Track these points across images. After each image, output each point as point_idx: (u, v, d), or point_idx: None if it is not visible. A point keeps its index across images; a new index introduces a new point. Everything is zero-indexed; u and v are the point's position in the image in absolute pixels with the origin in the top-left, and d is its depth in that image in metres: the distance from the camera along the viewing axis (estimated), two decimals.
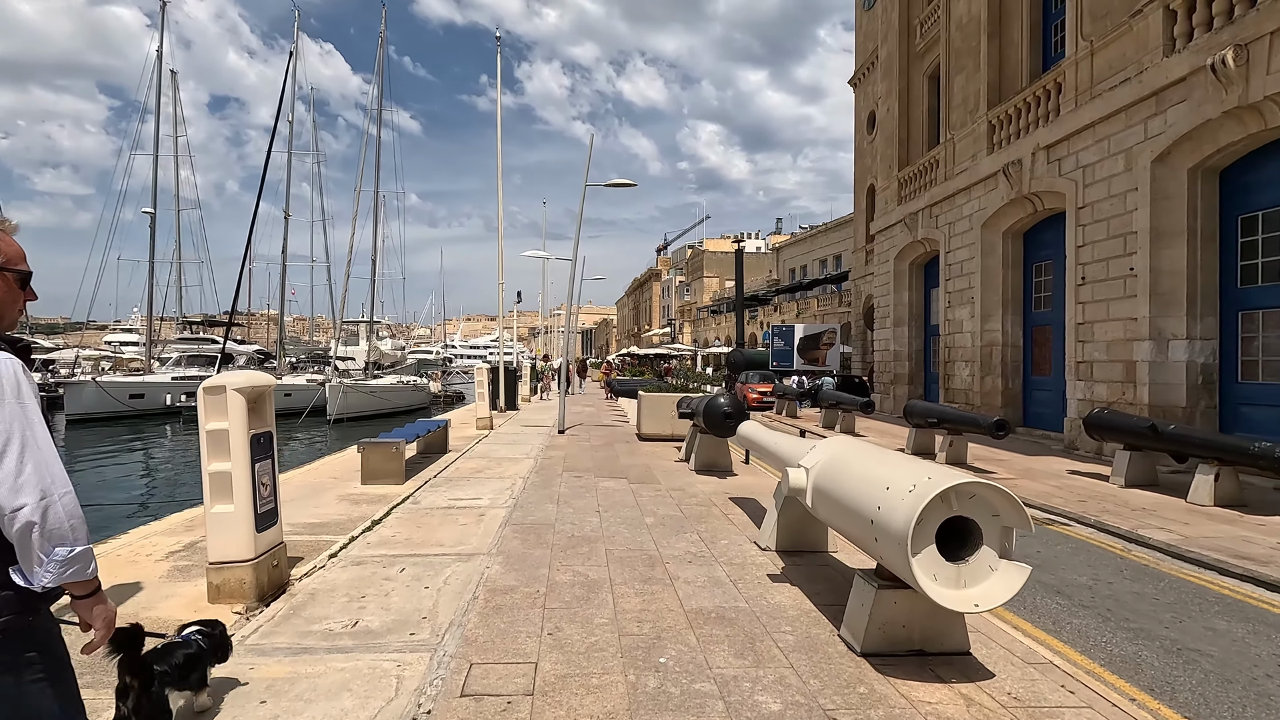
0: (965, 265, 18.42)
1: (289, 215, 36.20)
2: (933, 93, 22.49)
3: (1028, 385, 17.15)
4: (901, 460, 3.79)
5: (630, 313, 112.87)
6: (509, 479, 8.55)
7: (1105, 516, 8.32)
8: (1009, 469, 11.81)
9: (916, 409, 13.67)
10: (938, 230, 19.93)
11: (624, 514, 6.76)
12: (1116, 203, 12.77)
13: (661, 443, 12.91)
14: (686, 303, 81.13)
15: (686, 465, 10.15)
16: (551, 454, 11.02)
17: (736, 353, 35.58)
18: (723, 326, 61.64)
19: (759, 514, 6.90)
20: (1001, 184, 16.55)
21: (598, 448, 12.14)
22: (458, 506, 6.90)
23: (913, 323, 22.81)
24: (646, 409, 13.24)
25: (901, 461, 3.75)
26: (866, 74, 33.80)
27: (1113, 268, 12.87)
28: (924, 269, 22.72)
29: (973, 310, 18.01)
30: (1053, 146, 14.63)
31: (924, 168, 21.08)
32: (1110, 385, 12.93)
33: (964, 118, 18.80)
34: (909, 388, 22.78)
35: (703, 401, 9.43)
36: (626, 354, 69.26)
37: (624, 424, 16.72)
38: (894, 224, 23.02)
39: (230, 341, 44.64)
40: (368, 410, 31.57)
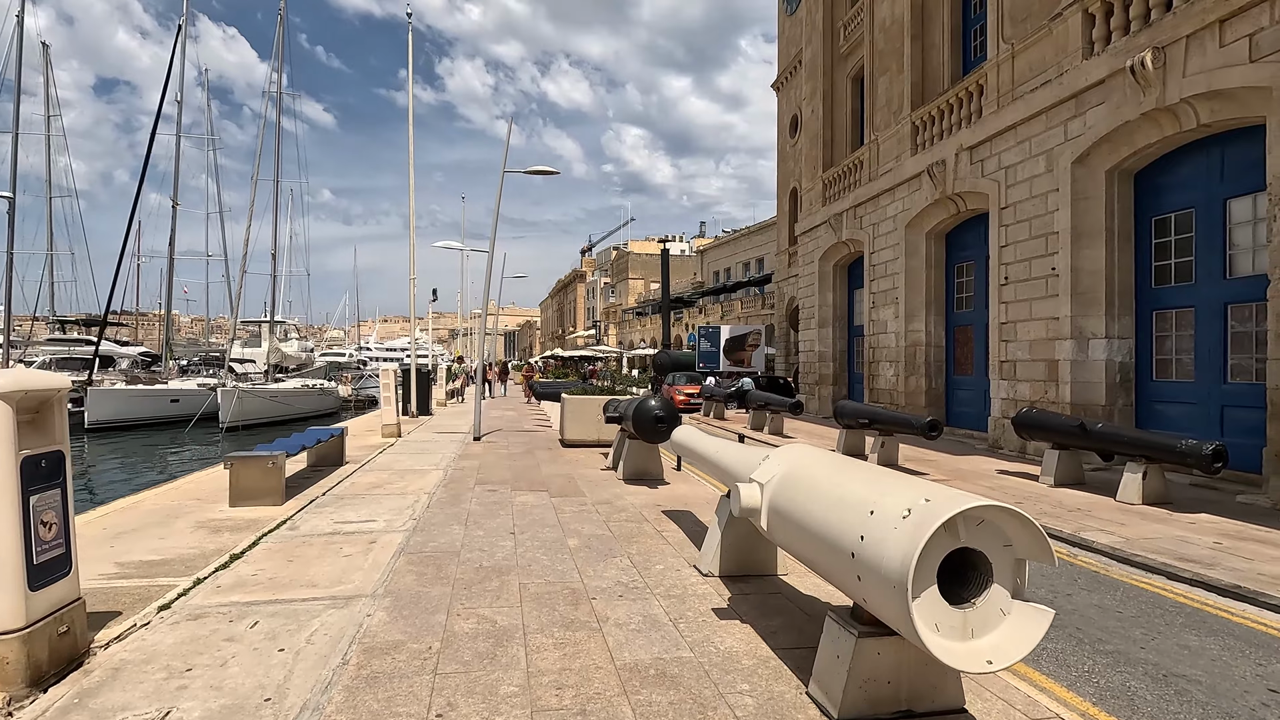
0: (889, 266, 18.49)
1: (178, 205, 33.03)
2: (856, 94, 22.65)
3: (950, 385, 17.33)
4: (882, 476, 3.09)
5: (554, 314, 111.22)
6: (412, 495, 7.47)
7: (1045, 519, 8.08)
8: (940, 469, 11.64)
9: (846, 410, 13.38)
10: (862, 231, 19.99)
11: (544, 535, 5.87)
12: (1038, 203, 12.88)
13: (586, 449, 12.05)
14: (612, 304, 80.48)
15: (614, 474, 9.33)
16: (464, 464, 9.95)
17: (663, 354, 35.01)
18: (648, 328, 61.28)
19: (696, 530, 6.16)
20: (925, 184, 16.63)
21: (516, 456, 11.15)
22: (345, 532, 5.81)
23: (837, 323, 22.87)
24: (570, 413, 12.34)
25: (882, 478, 3.05)
26: (789, 77, 34.09)
27: (1035, 267, 12.98)
28: (848, 270, 22.83)
29: (897, 311, 18.07)
30: (975, 148, 14.73)
31: (848, 169, 21.14)
32: (1033, 384, 13.04)
33: (888, 119, 18.89)
34: (834, 388, 22.83)
35: (632, 405, 8.64)
36: (551, 356, 67.89)
37: (546, 429, 15.74)
38: (818, 225, 23.05)
39: (110, 343, 40.56)
40: (268, 417, 29.12)
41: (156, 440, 26.70)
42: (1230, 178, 10.33)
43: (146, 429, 28.65)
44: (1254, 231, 10.03)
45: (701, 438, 5.67)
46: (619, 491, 7.98)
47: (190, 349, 41.84)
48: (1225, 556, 6.51)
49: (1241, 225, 10.23)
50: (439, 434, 14.06)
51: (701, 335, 31.74)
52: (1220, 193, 10.48)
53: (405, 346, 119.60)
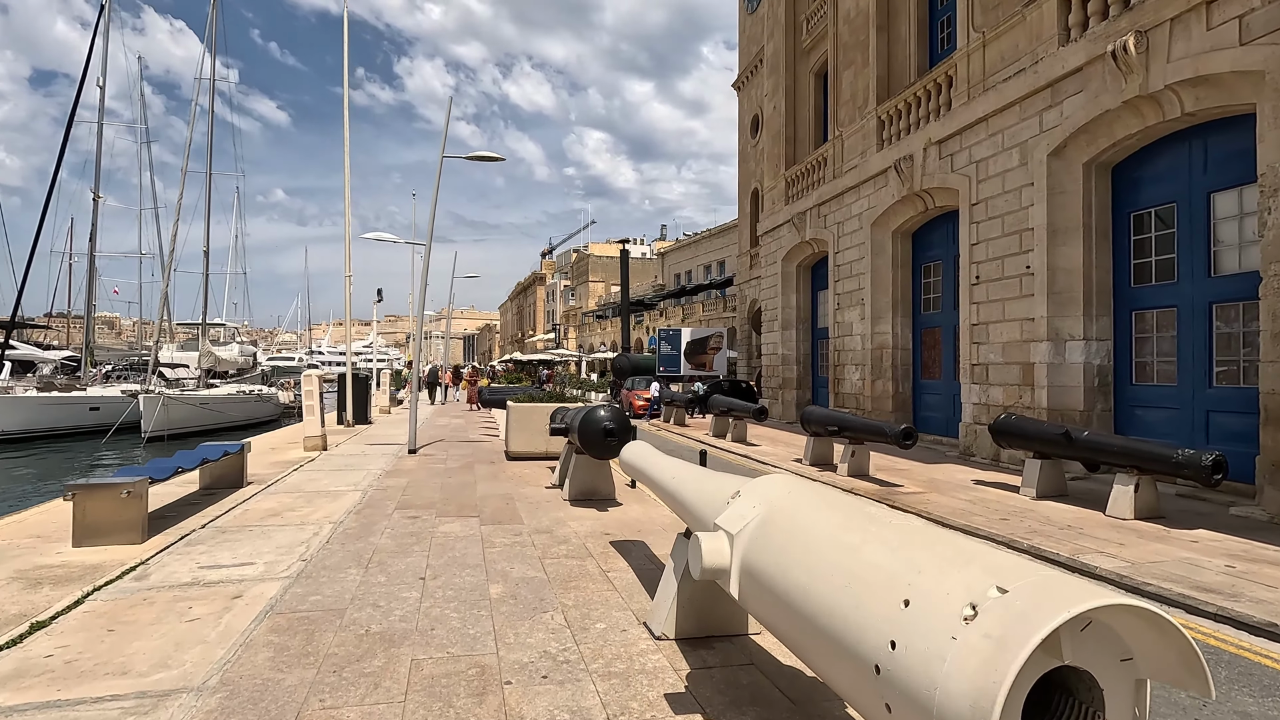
0: (855, 266, 17.83)
1: (100, 198, 30.66)
2: (820, 90, 22.04)
3: (918, 389, 16.71)
4: (909, 533, 2.10)
5: (514, 318, 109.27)
6: (313, 526, 6.25)
7: (1037, 539, 7.30)
8: (914, 480, 10.87)
9: (814, 416, 12.55)
10: (826, 230, 19.32)
11: (461, 581, 4.76)
12: (1011, 199, 12.27)
13: (534, 462, 10.92)
14: (572, 307, 79.21)
15: (559, 493, 8.24)
16: (389, 484, 8.72)
17: (622, 358, 34.11)
18: (608, 331, 60.21)
19: (650, 569, 5.13)
20: (892, 181, 15.99)
21: (453, 471, 9.95)
22: (207, 582, 4.60)
23: (801, 325, 22.19)
24: (515, 422, 11.20)
25: (911, 537, 2.05)
26: (750, 77, 33.54)
27: (1008, 266, 12.36)
28: (812, 270, 22.18)
29: (863, 312, 17.41)
30: (945, 141, 14.12)
31: (812, 166, 20.48)
32: (1007, 388, 12.40)
33: (853, 114, 18.25)
34: (797, 392, 22.13)
35: (579, 415, 7.58)
36: (509, 360, 66.22)
37: (493, 439, 14.54)
38: (781, 224, 22.35)
39: (30, 346, 37.61)
40: (197, 425, 27.08)
41: (71, 452, 24.50)
42: (1214, 170, 9.80)
43: (62, 440, 26.38)
44: (1240, 226, 9.50)
45: (655, 459, 4.65)
46: (562, 516, 6.89)
47: (115, 353, 39.04)
48: (1245, 584, 5.77)
49: (1227, 220, 9.71)
50: (371, 446, 12.73)
51: (662, 338, 30.84)
52: (1203, 185, 9.95)
53: (360, 350, 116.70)
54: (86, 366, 30.71)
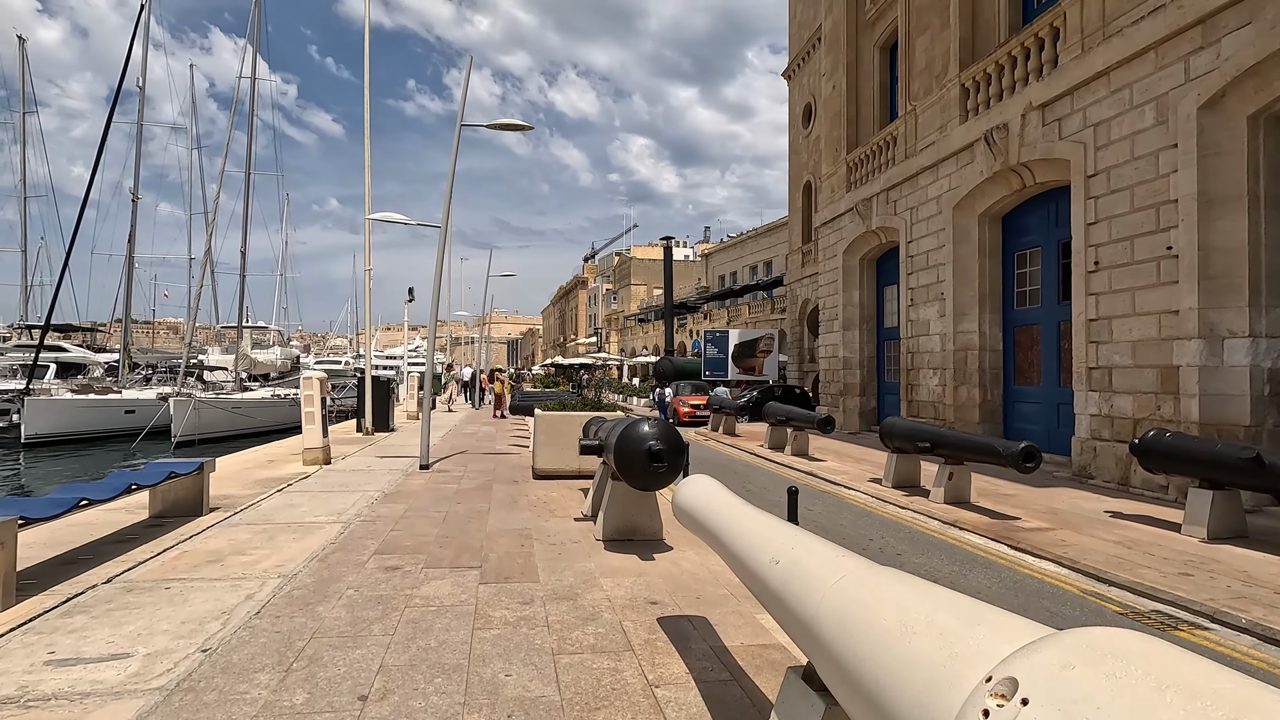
0: (932, 256, 15.64)
1: (138, 198, 30.39)
2: (886, 65, 19.88)
3: (1009, 396, 14.43)
4: None
5: (556, 322, 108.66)
6: (252, 583, 4.59)
7: (1255, 610, 5.20)
8: (1030, 510, 8.74)
9: (898, 429, 10.50)
10: (896, 217, 17.16)
11: (423, 705, 3.00)
12: (1145, 166, 10.04)
13: (564, 481, 9.20)
14: (613, 311, 77.88)
15: (591, 527, 6.47)
16: (381, 511, 7.07)
17: (665, 361, 32.30)
18: (650, 335, 58.53)
19: (719, 679, 3.30)
20: (980, 156, 13.80)
21: (464, 494, 8.27)
22: (26, 701, 2.96)
23: (864, 325, 20.01)
24: (543, 434, 9.49)
25: None
26: (802, 64, 31.44)
27: (1140, 248, 10.12)
28: (877, 264, 20.00)
29: (942, 309, 15.21)
30: (1050, 105, 11.91)
31: (878, 147, 18.34)
32: (1139, 397, 10.14)
33: (929, 85, 16.10)
34: (860, 399, 19.95)
35: (616, 429, 5.80)
36: (550, 364, 65.11)
37: (522, 450, 12.89)
38: (842, 214, 20.23)
39: (80, 349, 37.87)
40: (228, 430, 26.34)
41: (102, 456, 23.95)
42: None
43: (96, 443, 25.96)
44: None
45: (738, 514, 2.81)
46: (592, 570, 5.10)
47: (158, 355, 38.99)
48: None
49: None
50: (381, 460, 11.19)
51: (708, 340, 28.91)
52: None
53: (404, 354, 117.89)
54: (124, 369, 30.42)
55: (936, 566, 6.46)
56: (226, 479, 8.60)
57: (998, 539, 7.59)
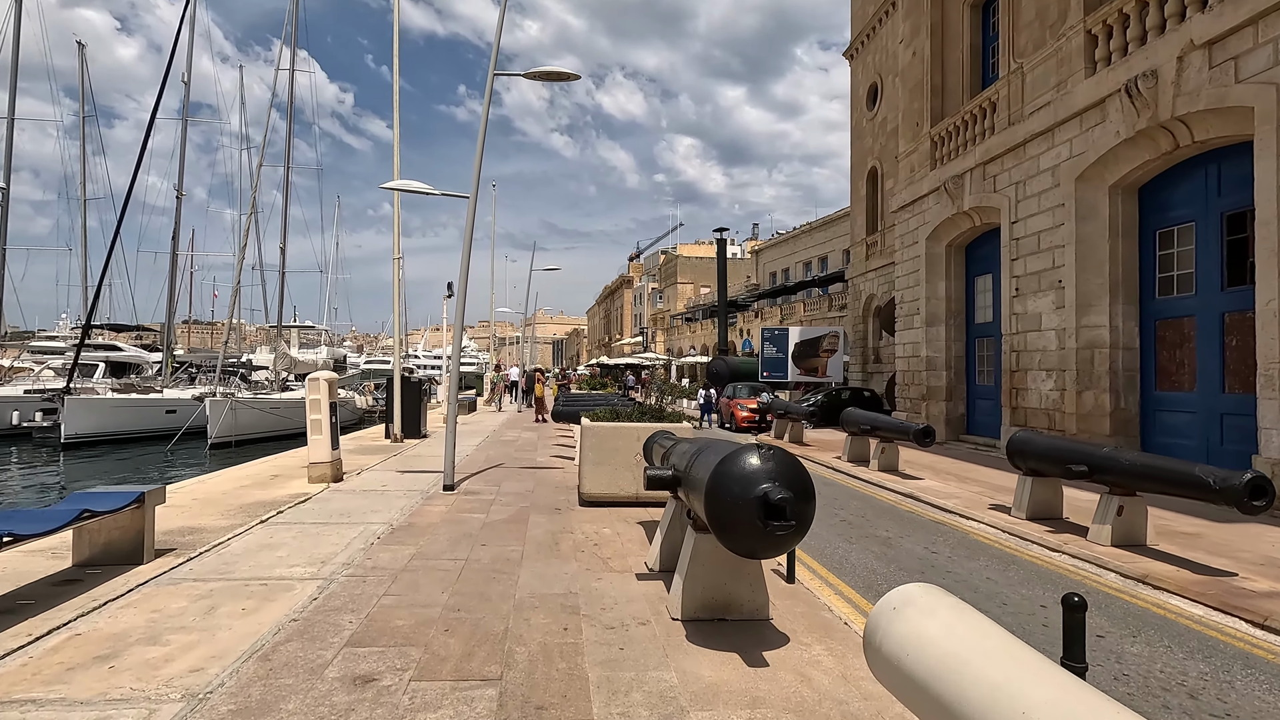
0: (1046, 238, 13.27)
1: (182, 195, 29.97)
2: (978, 25, 17.48)
3: (1148, 404, 11.98)
4: None
5: (601, 322, 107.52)
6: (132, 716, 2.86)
7: None
8: (1240, 561, 6.50)
9: (1036, 446, 8.34)
10: (997, 194, 14.80)
11: None
12: None
13: (619, 509, 7.36)
14: (659, 310, 76.11)
15: (661, 592, 4.60)
16: (380, 560, 5.33)
17: (719, 361, 30.25)
18: (698, 334, 56.52)
19: None
20: (1114, 114, 11.43)
21: (493, 531, 6.50)
22: None
23: (952, 321, 17.63)
24: (591, 450, 7.65)
25: None
26: (867, 41, 29.07)
27: None
28: (965, 252, 17.60)
29: (1059, 299, 12.83)
30: (1220, 40, 9.52)
31: (973, 116, 15.97)
32: None
33: (1040, 37, 13.73)
34: (946, 404, 17.59)
35: (702, 457, 3.92)
36: (596, 364, 63.69)
37: (568, 463, 11.14)
38: (925, 195, 17.89)
39: (134, 349, 38.03)
40: (266, 431, 25.47)
41: (139, 457, 23.29)
42: None
43: (136, 443, 25.40)
44: None
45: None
46: (673, 686, 3.23)
47: (201, 354, 38.83)
48: None
49: None
50: (401, 475, 9.53)
51: (765, 339, 26.75)
52: None
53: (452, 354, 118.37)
54: (166, 368, 30.01)
55: (1170, 662, 4.37)
56: (210, 502, 7.05)
57: (1224, 610, 5.42)
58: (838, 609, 4.58)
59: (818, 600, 4.64)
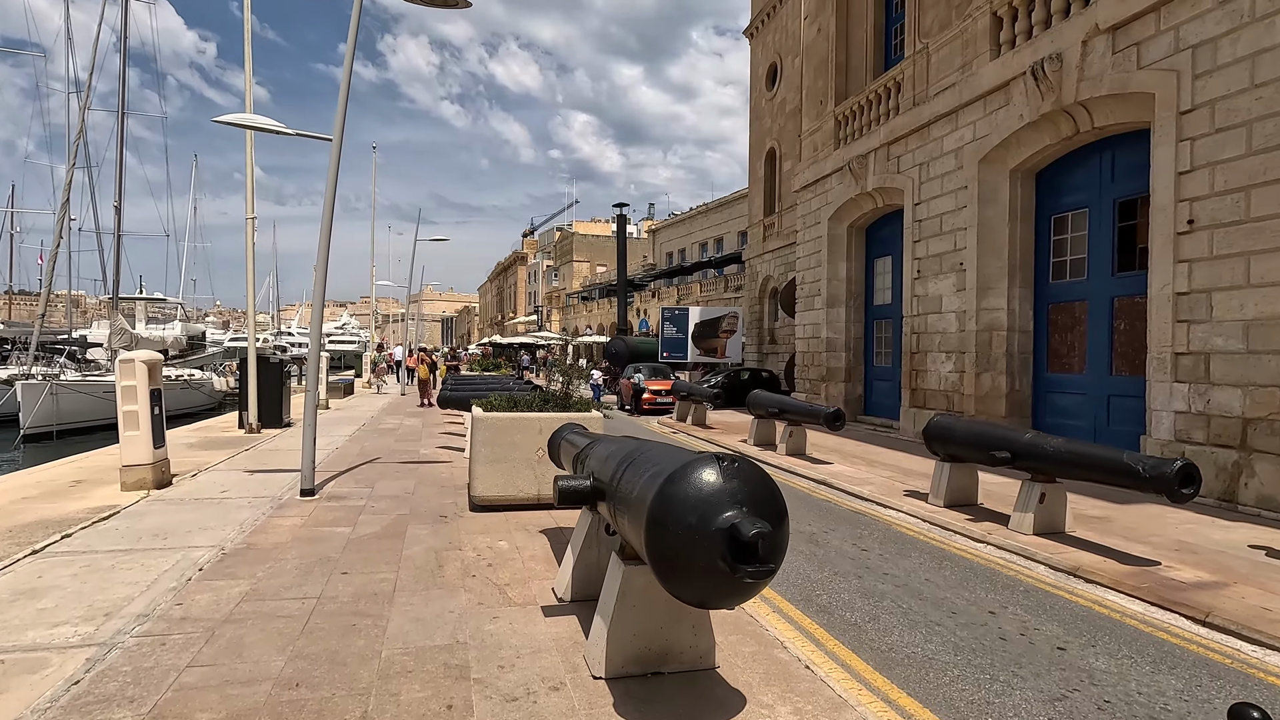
0: (949, 220, 13.29)
1: None
2: (881, 4, 17.37)
3: (1040, 385, 12.29)
4: None
5: (494, 299, 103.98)
6: None
7: None
8: (1154, 546, 6.40)
9: (957, 432, 8.05)
10: (901, 175, 14.75)
11: None
12: (1273, 94, 7.78)
13: (519, 516, 6.28)
14: (555, 289, 74.38)
15: (576, 634, 3.62)
16: (192, 606, 3.97)
17: (618, 341, 29.44)
18: (594, 314, 55.54)
19: None
20: (1019, 97, 11.44)
21: (358, 550, 5.24)
22: None
23: (852, 302, 17.68)
24: (484, 445, 6.50)
25: None
26: (767, 20, 28.83)
27: (1262, 200, 7.90)
28: (865, 233, 17.64)
29: (960, 282, 12.91)
30: (1124, 26, 9.57)
31: (878, 94, 15.85)
32: (1254, 391, 7.99)
33: (946, 17, 13.65)
34: (845, 385, 17.68)
35: (633, 465, 2.94)
36: (489, 343, 61.23)
37: (457, 455, 9.86)
38: (829, 174, 17.73)
39: None
40: (98, 419, 22.01)
41: None
42: None
43: None
44: None
45: None
46: None
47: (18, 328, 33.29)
48: None
49: None
50: (251, 475, 7.93)
51: (666, 319, 26.19)
52: None
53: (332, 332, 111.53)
54: None
55: (1142, 680, 3.93)
56: None
57: (1163, 605, 5.18)
58: (791, 643, 3.79)
59: (765, 633, 3.84)
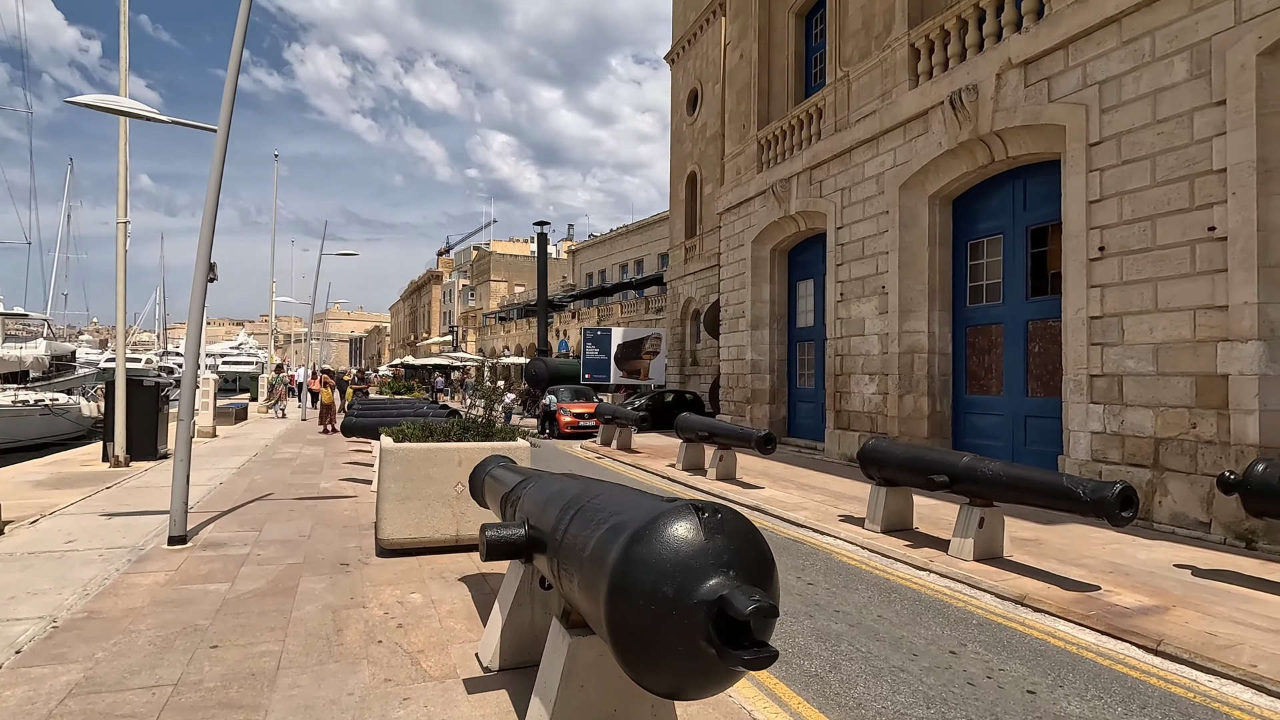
0: (871, 244, 13.50)
1: None
2: (802, 34, 17.77)
3: (959, 406, 12.54)
4: None
5: (407, 319, 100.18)
6: None
7: None
8: (1090, 570, 6.37)
9: (894, 456, 7.90)
10: (823, 200, 14.95)
11: None
12: (1174, 129, 8.20)
13: (433, 560, 5.53)
14: (471, 308, 72.38)
15: (507, 714, 2.97)
16: (5, 701, 3.08)
17: (538, 362, 28.58)
18: (513, 334, 54.30)
19: None
20: (937, 126, 11.77)
21: (239, 611, 4.36)
22: None
23: (775, 324, 17.75)
24: (395, 480, 5.71)
25: None
26: (688, 47, 29.22)
27: (1167, 229, 8.27)
28: (788, 256, 17.81)
29: (882, 304, 13.10)
30: (1036, 61, 9.97)
31: (800, 120, 16.08)
32: (1164, 412, 8.28)
33: (865, 47, 14.00)
34: (770, 407, 17.67)
35: (582, 512, 2.37)
36: (400, 364, 58.58)
37: (363, 488, 8.88)
38: (752, 198, 17.85)
39: None
40: None
41: None
42: None
43: None
44: None
45: None
46: None
47: None
48: None
49: None
50: (108, 520, 6.73)
51: (588, 339, 25.65)
52: None
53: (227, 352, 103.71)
54: None
55: None
56: None
57: (1114, 634, 5.06)
58: (753, 706, 3.29)
59: (728, 700, 3.32)
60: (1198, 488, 7.91)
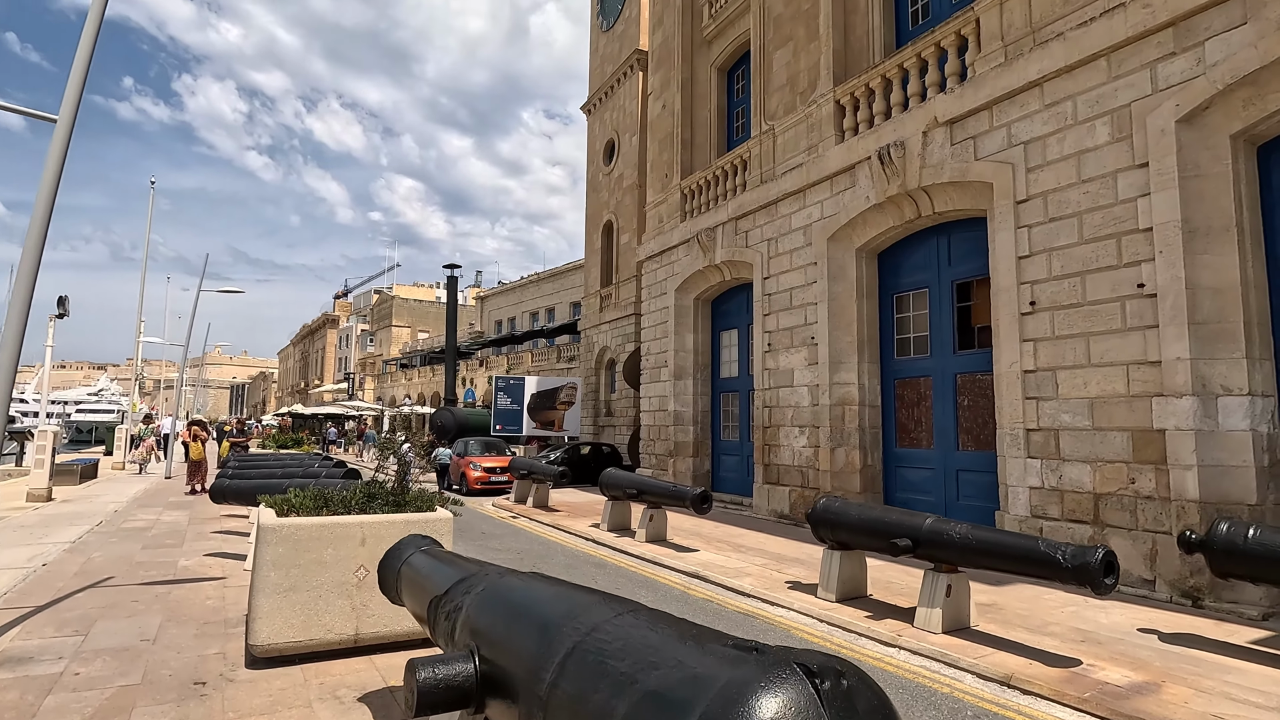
0: (799, 294, 13.36)
1: None
2: (723, 89, 18.00)
3: (890, 460, 12.35)
4: None
5: (297, 365, 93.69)
6: None
7: None
8: (1061, 639, 5.94)
9: (846, 518, 7.34)
10: (749, 250, 14.80)
11: None
12: (1099, 189, 8.42)
13: (326, 667, 4.31)
14: (370, 354, 68.63)
15: None
16: None
17: (445, 413, 26.82)
18: (415, 382, 51.59)
19: None
20: (864, 180, 11.86)
21: None
22: None
23: (699, 375, 17.30)
24: (275, 566, 4.47)
25: None
26: (604, 99, 29.39)
27: (1096, 285, 8.40)
28: (711, 306, 17.56)
29: (812, 355, 12.88)
30: (961, 120, 10.20)
31: (724, 171, 16.05)
32: (1102, 467, 8.23)
33: (790, 102, 14.17)
34: (694, 460, 17.05)
35: (647, 699, 1.45)
36: (288, 413, 54.11)
37: (233, 566, 7.34)
38: (676, 245, 17.57)
39: None
40: None
41: None
42: None
43: None
44: None
45: None
46: None
47: None
48: None
49: None
50: None
51: (500, 389, 24.31)
52: None
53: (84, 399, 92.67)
54: None
55: None
56: None
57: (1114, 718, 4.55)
58: None
59: None
60: (1140, 544, 7.82)
